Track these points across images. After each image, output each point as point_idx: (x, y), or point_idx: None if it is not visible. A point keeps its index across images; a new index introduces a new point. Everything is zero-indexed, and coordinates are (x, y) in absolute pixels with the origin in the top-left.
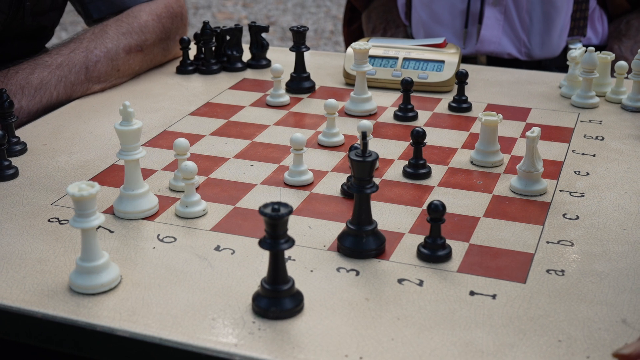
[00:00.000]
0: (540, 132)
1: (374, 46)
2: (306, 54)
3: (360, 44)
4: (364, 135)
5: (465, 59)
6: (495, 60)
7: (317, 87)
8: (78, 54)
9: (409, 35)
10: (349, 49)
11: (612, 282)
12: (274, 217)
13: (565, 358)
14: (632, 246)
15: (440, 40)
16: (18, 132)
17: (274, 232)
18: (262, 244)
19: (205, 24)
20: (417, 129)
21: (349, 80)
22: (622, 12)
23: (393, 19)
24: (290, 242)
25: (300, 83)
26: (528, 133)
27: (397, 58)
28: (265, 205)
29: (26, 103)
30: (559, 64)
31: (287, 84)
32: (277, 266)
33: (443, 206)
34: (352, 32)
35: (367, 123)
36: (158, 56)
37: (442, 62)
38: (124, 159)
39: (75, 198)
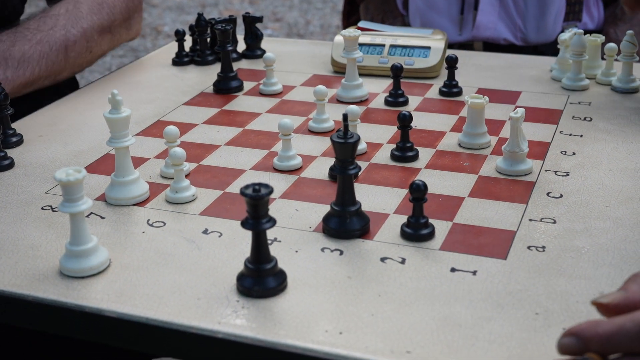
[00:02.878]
0: (525, 113)
1: (362, 34)
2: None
3: (349, 31)
4: (345, 118)
5: (462, 45)
6: (492, 46)
7: (306, 78)
8: (57, 31)
9: (406, 24)
10: (338, 37)
11: (592, 257)
12: (254, 197)
13: (542, 330)
14: (614, 222)
15: (428, 32)
16: (14, 125)
17: (255, 213)
18: (244, 224)
19: (200, 15)
20: (403, 112)
21: (337, 67)
22: None
23: (390, 10)
24: (272, 222)
25: (228, 83)
26: (512, 114)
27: (383, 45)
28: (247, 187)
29: (11, 74)
30: (555, 49)
31: (214, 84)
32: (260, 246)
33: (425, 186)
34: (352, 24)
35: (354, 108)
36: (123, 36)
37: (428, 48)
38: (114, 147)
39: (62, 183)
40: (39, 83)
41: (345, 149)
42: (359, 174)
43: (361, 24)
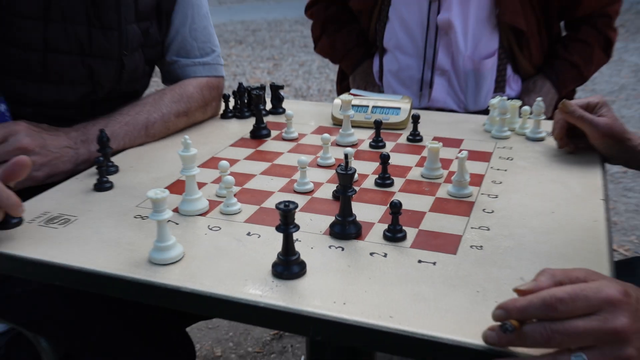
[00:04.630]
0: (468, 154)
1: (354, 98)
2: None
3: (344, 96)
4: (346, 156)
5: (420, 109)
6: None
7: (316, 127)
8: (141, 115)
9: (381, 92)
10: (336, 100)
11: (514, 253)
12: (285, 210)
13: (481, 302)
14: (529, 229)
15: (399, 97)
16: (113, 159)
17: (286, 221)
18: (278, 228)
19: (240, 84)
20: (383, 153)
21: (336, 121)
22: (530, 75)
23: (370, 81)
24: (296, 227)
25: (260, 131)
26: (459, 155)
27: (368, 106)
28: (280, 203)
29: (95, 148)
30: (486, 112)
31: (250, 132)
32: (288, 244)
33: (400, 203)
34: (343, 88)
35: (350, 150)
36: (198, 118)
37: (399, 108)
38: (185, 175)
39: (153, 199)
40: (122, 150)
41: (346, 178)
42: (354, 195)
43: (352, 91)
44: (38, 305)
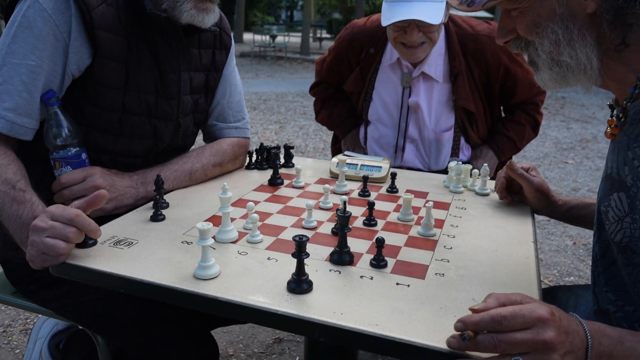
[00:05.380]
0: (433, 204)
1: (347, 159)
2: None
3: (340, 157)
4: (344, 203)
5: (394, 167)
6: (411, 170)
7: (316, 179)
8: (187, 165)
9: (366, 154)
10: (334, 159)
11: (468, 280)
12: (300, 241)
13: (444, 316)
14: (479, 263)
15: (380, 159)
16: (165, 196)
17: (299, 249)
18: (293, 255)
19: (261, 144)
20: (370, 201)
21: (333, 175)
22: (477, 145)
23: (358, 145)
24: (307, 255)
25: (275, 180)
26: (426, 204)
27: (357, 164)
28: (295, 236)
29: (152, 188)
30: (445, 171)
31: (269, 181)
32: (300, 267)
33: (383, 239)
34: (336, 149)
35: (345, 197)
36: (230, 168)
37: (381, 167)
38: (222, 212)
39: (200, 230)
40: (172, 190)
41: (344, 219)
42: (349, 232)
43: (346, 152)
44: (100, 309)
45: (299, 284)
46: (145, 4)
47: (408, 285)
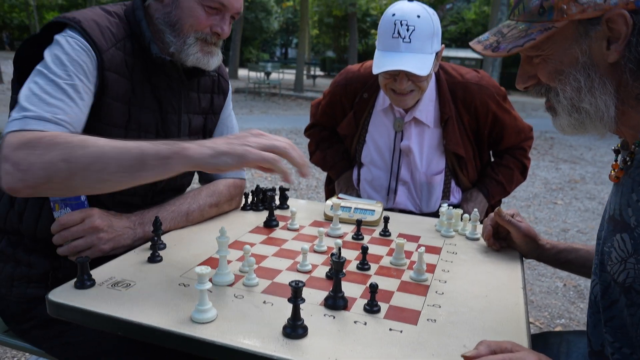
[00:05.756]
0: (425, 249)
1: (341, 201)
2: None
3: (334, 200)
4: (339, 249)
5: (387, 209)
6: (403, 212)
7: (311, 221)
8: (184, 205)
9: (359, 196)
10: (328, 201)
11: (459, 326)
12: (296, 287)
13: None
14: (470, 308)
15: (374, 202)
16: (163, 237)
17: (295, 295)
18: (289, 300)
19: (257, 186)
20: (363, 245)
21: (327, 217)
22: (467, 188)
23: (351, 186)
24: (303, 300)
25: (271, 222)
26: (418, 249)
27: (351, 207)
28: (292, 281)
29: (149, 229)
30: (437, 214)
31: (264, 223)
32: (296, 312)
33: (376, 285)
34: (330, 190)
35: (339, 241)
36: (225, 209)
37: (374, 210)
38: (219, 255)
39: (199, 274)
40: (169, 231)
41: (338, 264)
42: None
43: (340, 195)
44: (93, 351)
45: (295, 329)
46: (151, 48)
47: (401, 331)
